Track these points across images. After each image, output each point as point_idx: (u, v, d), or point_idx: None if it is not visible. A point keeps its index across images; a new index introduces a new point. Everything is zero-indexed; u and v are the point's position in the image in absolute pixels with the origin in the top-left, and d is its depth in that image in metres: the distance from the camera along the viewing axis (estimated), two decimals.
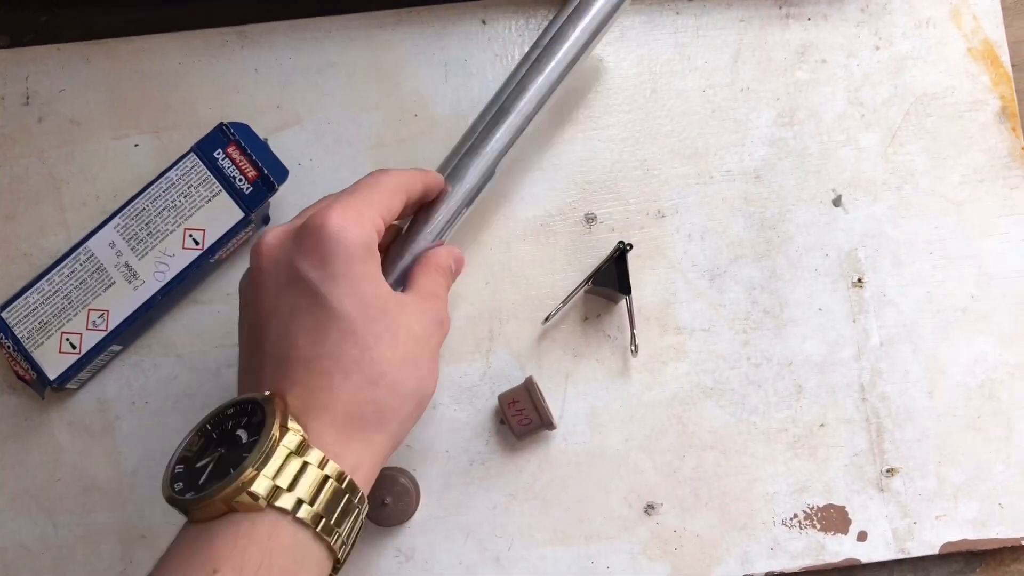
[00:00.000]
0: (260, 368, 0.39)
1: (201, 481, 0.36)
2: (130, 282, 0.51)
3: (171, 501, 0.37)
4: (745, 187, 0.56)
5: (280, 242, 0.39)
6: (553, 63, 0.50)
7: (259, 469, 0.35)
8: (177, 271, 0.51)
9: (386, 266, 0.46)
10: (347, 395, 0.38)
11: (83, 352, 0.51)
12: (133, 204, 0.52)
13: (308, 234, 0.38)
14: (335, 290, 0.38)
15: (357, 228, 0.38)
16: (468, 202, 0.49)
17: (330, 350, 0.38)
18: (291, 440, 0.36)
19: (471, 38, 0.56)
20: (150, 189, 0.52)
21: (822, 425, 0.54)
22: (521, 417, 0.52)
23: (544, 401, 0.52)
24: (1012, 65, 0.57)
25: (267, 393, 0.38)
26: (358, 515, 0.38)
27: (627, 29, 0.57)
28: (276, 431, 0.36)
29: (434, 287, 0.44)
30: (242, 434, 0.37)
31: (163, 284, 0.51)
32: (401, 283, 0.45)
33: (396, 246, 0.47)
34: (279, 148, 0.55)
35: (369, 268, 0.39)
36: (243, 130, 0.52)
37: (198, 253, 0.52)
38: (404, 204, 0.43)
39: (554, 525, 0.53)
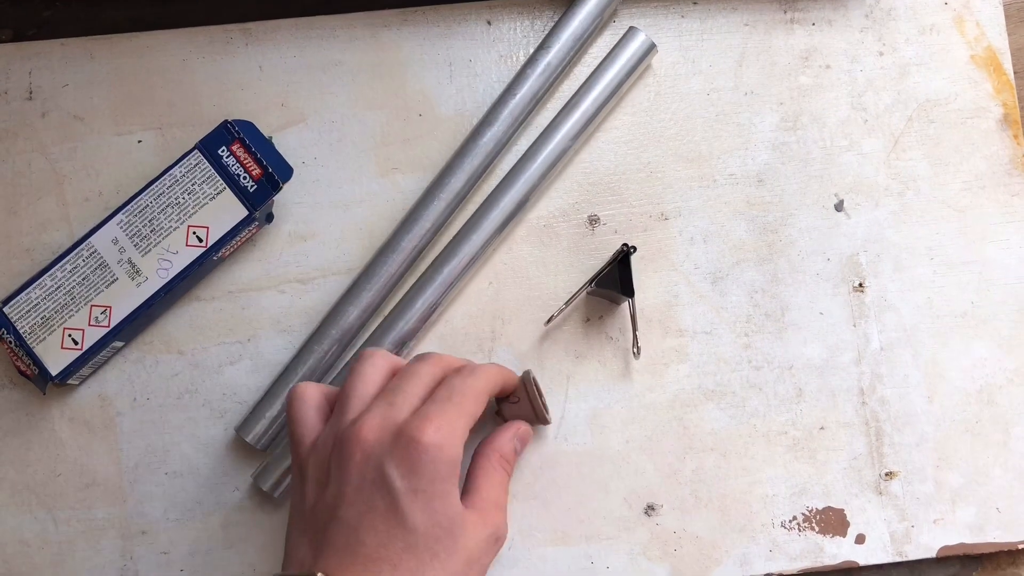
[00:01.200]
0: (319, 547, 0.42)
1: None
2: (133, 279, 0.51)
3: None
4: (748, 191, 0.56)
5: (377, 440, 0.42)
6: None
7: None
8: (180, 268, 0.51)
9: None
10: None
11: (85, 348, 0.51)
12: (136, 201, 0.51)
13: (403, 443, 0.41)
14: (413, 503, 0.41)
15: (450, 448, 0.42)
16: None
17: (390, 556, 0.40)
18: None
19: (476, 38, 0.57)
20: (154, 186, 0.52)
21: (822, 428, 0.55)
22: (515, 410, 0.52)
23: (541, 396, 0.52)
24: (1015, 73, 0.57)
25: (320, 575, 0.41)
26: None
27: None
28: None
29: (495, 494, 0.46)
30: None
31: (166, 281, 0.51)
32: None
33: None
34: (283, 146, 0.55)
35: (448, 486, 0.42)
36: (247, 128, 0.52)
37: (201, 251, 0.51)
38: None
39: (554, 525, 0.54)
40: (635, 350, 0.54)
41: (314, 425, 0.45)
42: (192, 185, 0.51)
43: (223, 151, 0.52)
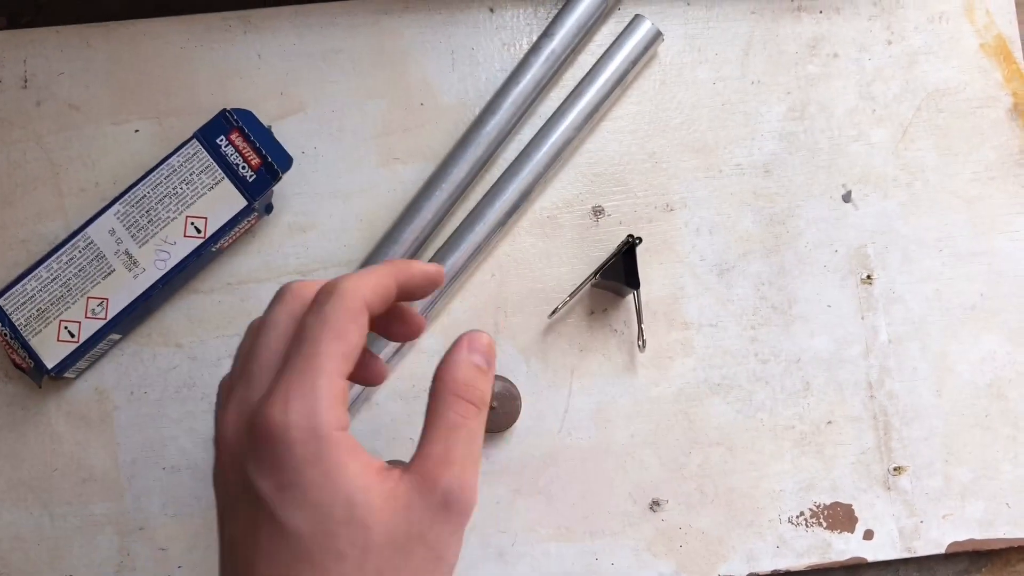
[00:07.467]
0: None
1: None
2: (130, 270, 0.50)
3: None
4: (754, 181, 0.55)
5: (237, 438, 0.33)
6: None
7: None
8: (178, 260, 0.50)
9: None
10: None
11: (82, 341, 0.50)
12: (134, 191, 0.51)
13: (255, 434, 0.32)
14: (285, 504, 0.31)
15: (305, 419, 0.31)
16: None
17: (284, 574, 0.31)
18: None
19: (479, 26, 0.56)
20: (151, 176, 0.51)
21: (829, 422, 0.54)
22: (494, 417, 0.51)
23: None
24: None
25: None
26: None
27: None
28: None
29: (446, 445, 0.33)
30: None
31: (164, 272, 0.50)
32: None
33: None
34: (283, 135, 0.54)
35: (324, 467, 0.31)
36: (246, 116, 0.51)
37: (200, 241, 0.51)
38: (372, 318, 0.35)
39: (558, 521, 0.53)
40: (640, 343, 0.53)
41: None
42: (190, 175, 0.51)
43: (221, 140, 0.51)
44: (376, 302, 0.34)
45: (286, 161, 0.51)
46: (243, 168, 0.51)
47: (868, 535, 0.53)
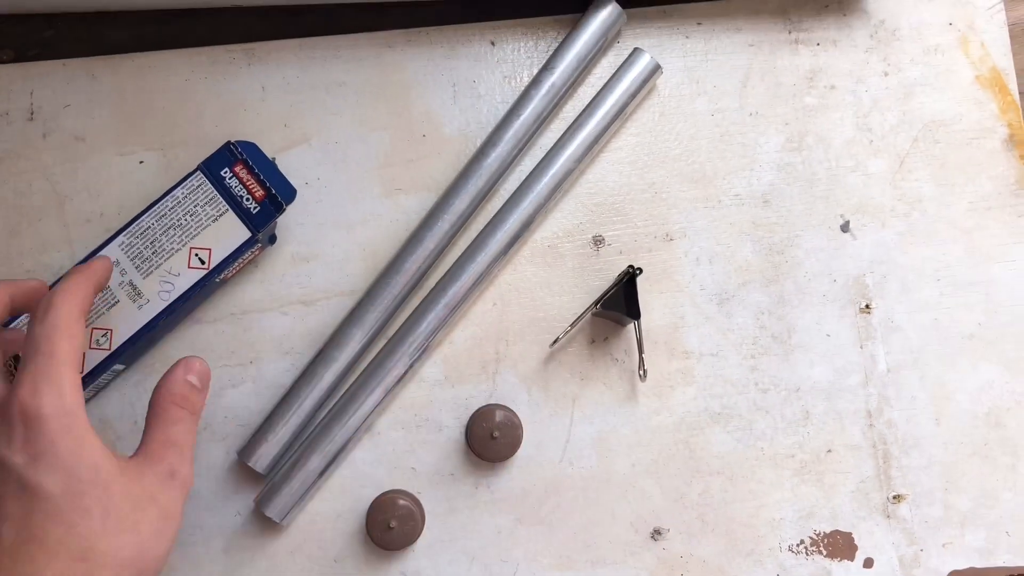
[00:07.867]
0: None
1: None
2: (134, 301, 0.51)
3: None
4: (753, 211, 0.56)
5: None
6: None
7: None
8: (182, 291, 0.51)
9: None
10: None
11: (86, 371, 0.50)
12: (138, 222, 0.51)
13: (8, 417, 0.37)
14: (40, 469, 0.37)
15: (56, 399, 0.37)
16: None
17: (34, 534, 0.36)
18: None
19: (480, 59, 0.56)
20: (156, 207, 0.51)
21: (829, 451, 0.54)
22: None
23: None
24: (1020, 93, 0.57)
25: None
26: None
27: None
28: None
29: (166, 435, 0.42)
30: None
31: (168, 303, 0.51)
32: None
33: None
34: (286, 167, 0.54)
35: (74, 438, 0.37)
36: (250, 149, 0.52)
37: (204, 273, 0.51)
38: (88, 309, 0.42)
39: (560, 550, 0.53)
40: (641, 372, 0.53)
41: None
42: (194, 206, 0.51)
43: (226, 172, 0.51)
44: (88, 308, 0.42)
45: (290, 193, 0.52)
46: (247, 200, 0.51)
47: (868, 563, 0.54)
